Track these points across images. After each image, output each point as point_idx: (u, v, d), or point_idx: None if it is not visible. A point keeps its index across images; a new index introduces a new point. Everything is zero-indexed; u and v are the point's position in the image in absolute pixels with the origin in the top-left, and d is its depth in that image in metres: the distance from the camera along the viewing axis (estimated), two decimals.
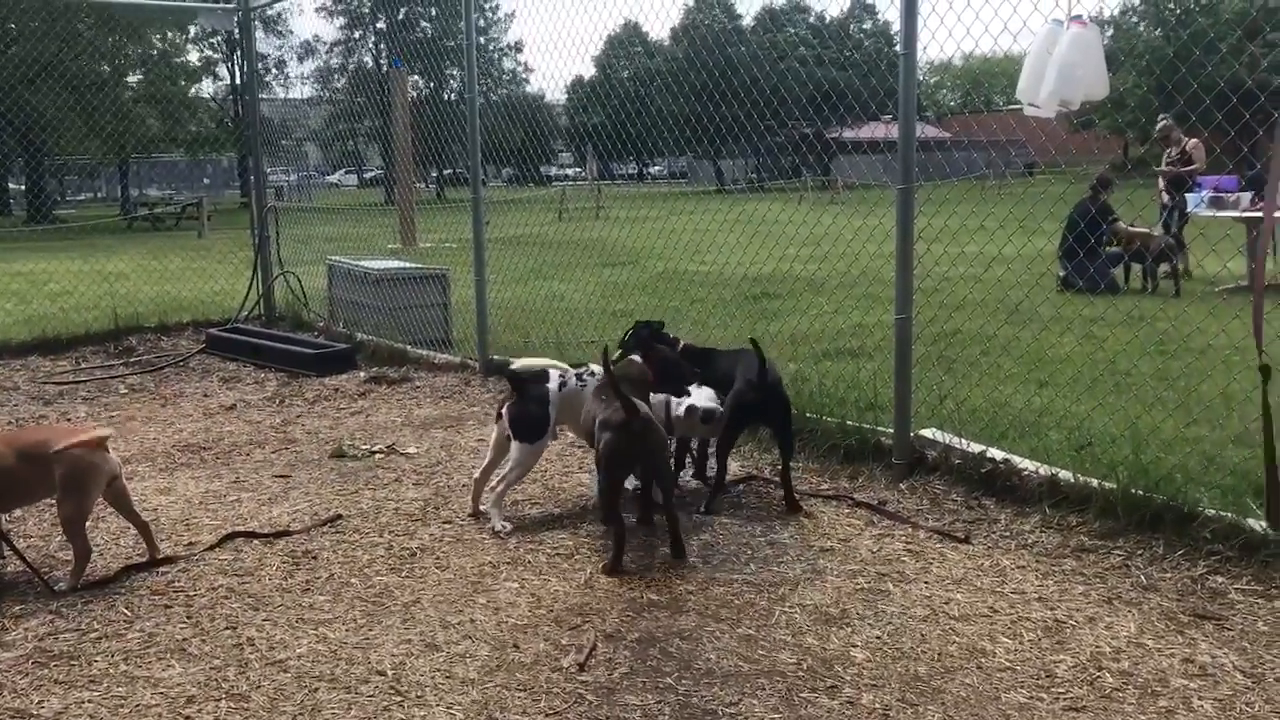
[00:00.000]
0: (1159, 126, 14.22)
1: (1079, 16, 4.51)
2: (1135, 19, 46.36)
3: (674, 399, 4.95)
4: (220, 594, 4.05)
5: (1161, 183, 13.93)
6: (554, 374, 4.89)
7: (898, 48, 5.08)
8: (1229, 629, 3.55)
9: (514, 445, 4.76)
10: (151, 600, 4.00)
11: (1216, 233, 12.14)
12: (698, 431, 5.15)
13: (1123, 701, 3.11)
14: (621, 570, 4.13)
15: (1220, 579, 3.93)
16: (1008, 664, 3.35)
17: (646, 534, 4.57)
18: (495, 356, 7.97)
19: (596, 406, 4.44)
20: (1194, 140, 13.78)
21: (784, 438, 4.95)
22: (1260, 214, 11.43)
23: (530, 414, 4.75)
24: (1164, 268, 11.79)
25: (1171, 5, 46.42)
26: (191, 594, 4.05)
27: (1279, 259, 11.77)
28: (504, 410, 4.82)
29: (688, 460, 5.39)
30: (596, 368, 4.97)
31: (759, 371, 4.85)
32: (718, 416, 4.93)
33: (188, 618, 3.84)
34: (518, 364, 5.06)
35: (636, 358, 4.85)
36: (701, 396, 4.99)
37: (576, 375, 4.92)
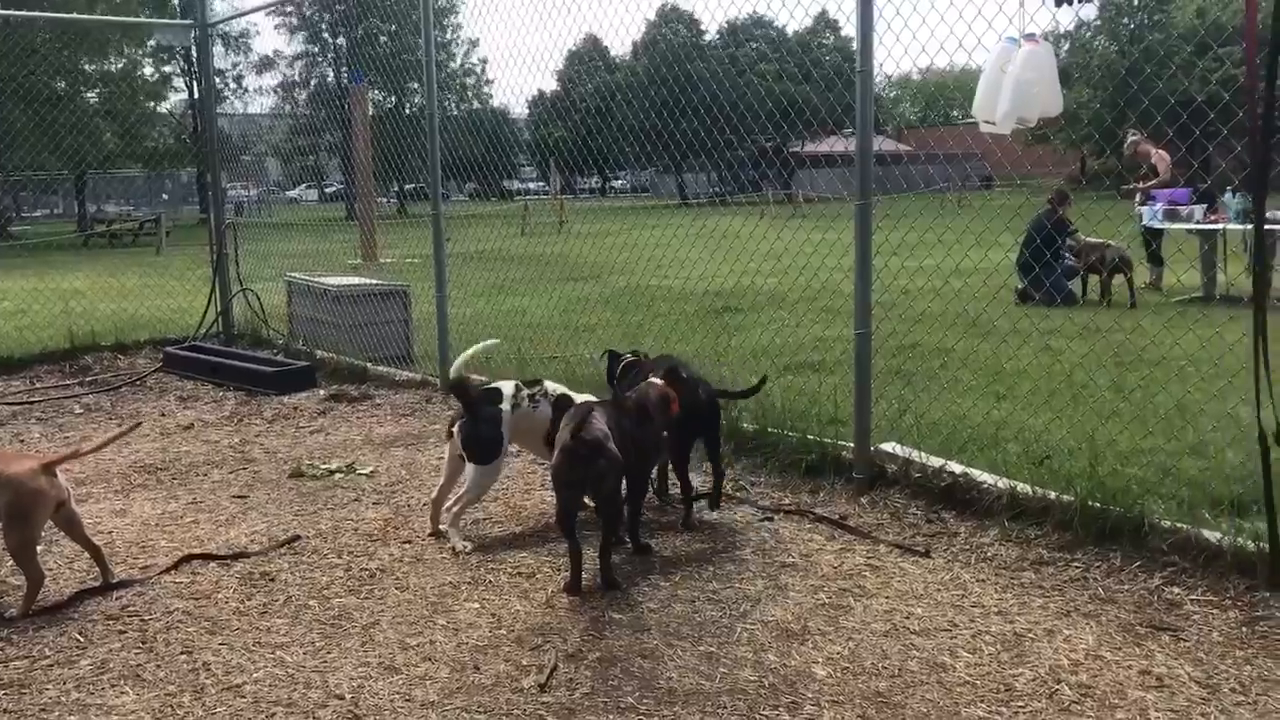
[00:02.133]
0: (1128, 144, 14.04)
1: (1032, 35, 4.56)
2: (1089, 34, 47.06)
3: None
4: (176, 618, 3.99)
5: (1138, 199, 13.72)
6: (506, 393, 4.83)
7: (856, 63, 5.12)
8: (1185, 640, 3.59)
9: (469, 467, 4.72)
10: (105, 626, 3.93)
11: (1170, 245, 12.35)
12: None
13: (1081, 714, 3.13)
14: (581, 590, 4.11)
15: (1176, 590, 3.97)
16: (967, 678, 3.36)
17: (629, 553, 4.55)
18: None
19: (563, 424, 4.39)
20: (1157, 152, 13.77)
21: (715, 449, 5.00)
22: (1214, 226, 11.64)
23: (483, 435, 4.70)
24: (1119, 279, 11.95)
25: (1125, 21, 47.18)
26: (146, 618, 3.99)
27: (1229, 271, 11.95)
28: (455, 430, 4.77)
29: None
30: (552, 386, 4.95)
31: (696, 383, 4.89)
32: None
33: (142, 643, 3.78)
34: (456, 364, 4.97)
35: (657, 380, 4.73)
36: None
37: (529, 395, 4.87)
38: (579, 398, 4.93)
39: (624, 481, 4.30)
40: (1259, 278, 3.97)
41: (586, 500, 4.50)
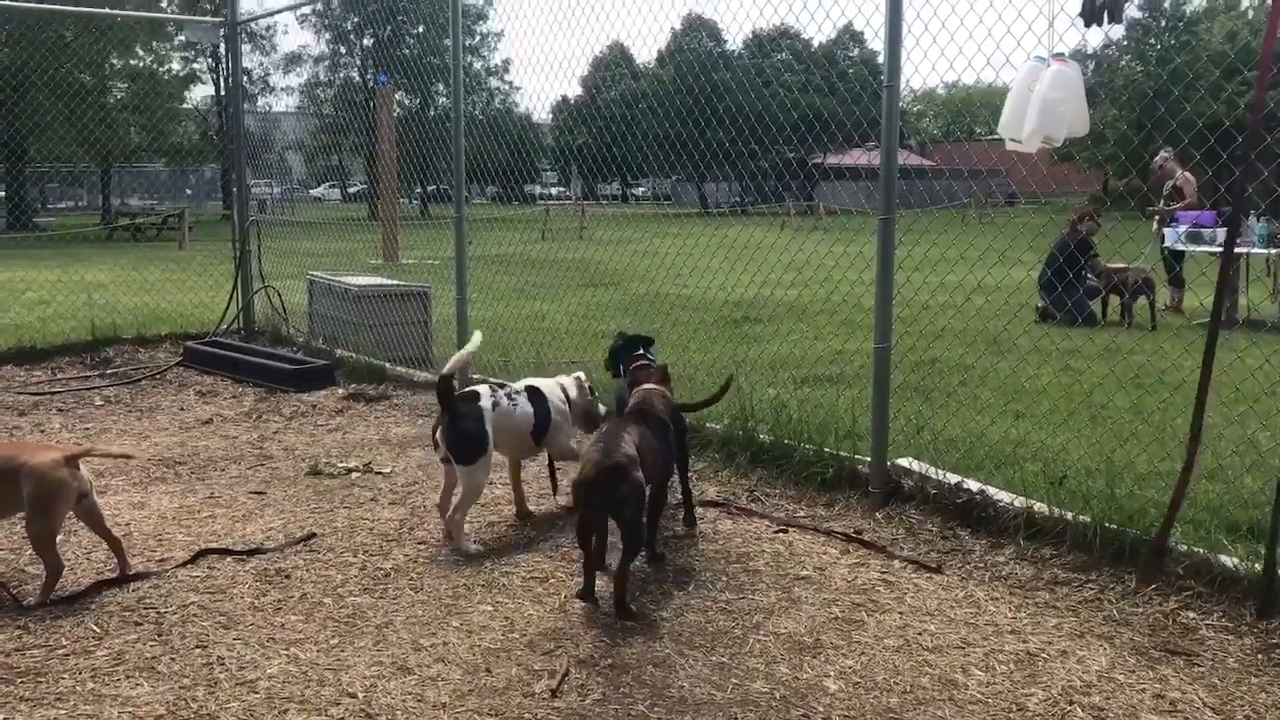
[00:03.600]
0: (1156, 160, 14.02)
1: (1061, 54, 4.56)
2: (1116, 54, 46.88)
3: None
4: (191, 612, 4.02)
5: (1156, 222, 13.74)
6: (485, 392, 4.82)
7: (883, 78, 5.12)
8: (1199, 665, 3.57)
9: (458, 470, 4.69)
10: (122, 617, 3.96)
11: (1193, 268, 12.30)
12: None
13: None
14: (594, 596, 4.10)
15: (1192, 615, 3.95)
16: (979, 696, 3.35)
17: (644, 560, 4.53)
18: (475, 376, 7.97)
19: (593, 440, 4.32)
20: (1183, 174, 13.71)
21: (682, 460, 4.98)
22: (1240, 249, 11.57)
23: (467, 433, 4.65)
24: (1140, 301, 11.90)
25: (1152, 41, 47.00)
26: (162, 611, 4.02)
27: (1251, 296, 11.88)
28: (438, 435, 4.72)
29: None
30: (519, 387, 4.99)
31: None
32: None
33: (158, 635, 3.80)
34: (450, 364, 4.79)
35: (654, 386, 4.73)
36: None
37: (508, 395, 4.89)
38: (545, 384, 5.04)
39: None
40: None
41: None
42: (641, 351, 5.22)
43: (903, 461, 5.34)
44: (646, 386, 4.73)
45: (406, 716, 3.22)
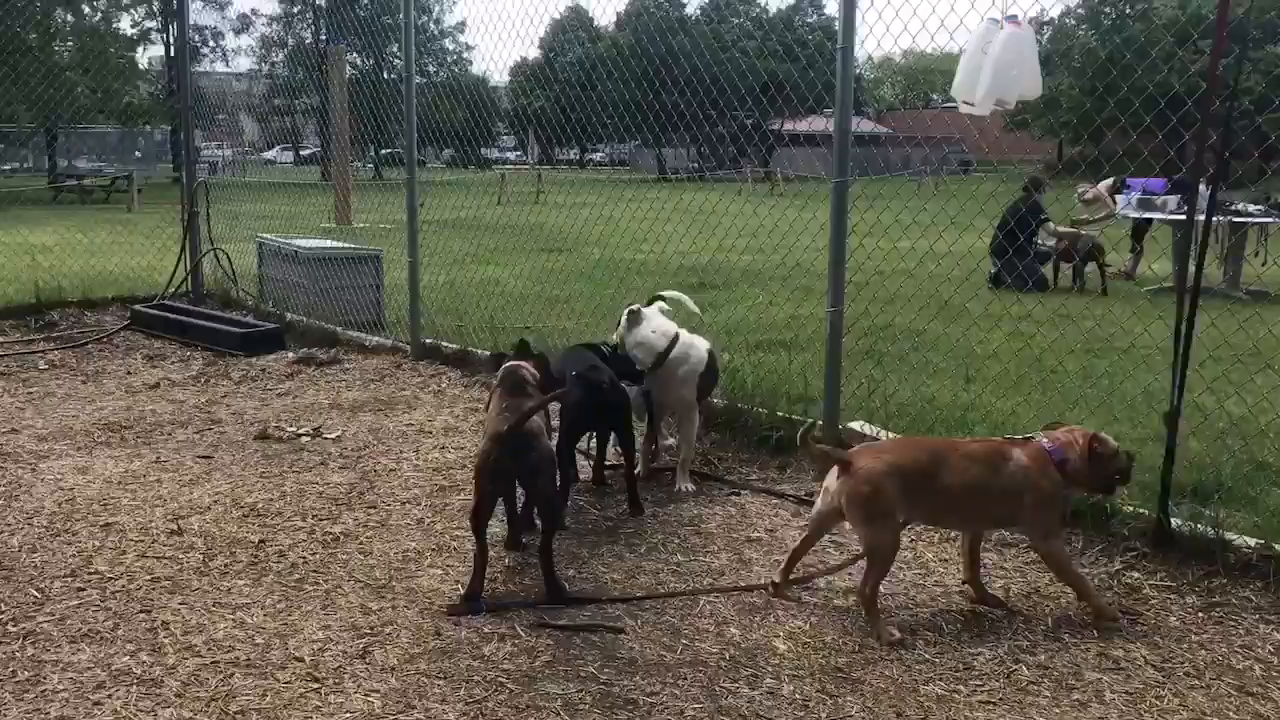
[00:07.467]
0: (1079, 196, 14.55)
1: (1014, 16, 4.55)
2: (1072, 21, 47.13)
3: None
4: (136, 577, 3.95)
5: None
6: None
7: (838, 40, 5.10)
8: (1142, 624, 3.62)
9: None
10: (64, 583, 3.89)
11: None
12: None
13: (1038, 694, 3.15)
14: (480, 597, 3.74)
15: (1136, 574, 4.01)
16: (927, 656, 3.38)
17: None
18: (427, 340, 7.90)
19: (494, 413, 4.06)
20: (1095, 190, 14.01)
21: (626, 440, 4.76)
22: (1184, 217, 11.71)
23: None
24: (1090, 266, 12.03)
25: (1107, 10, 47.29)
26: (107, 576, 3.96)
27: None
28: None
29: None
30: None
31: (594, 370, 4.60)
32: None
33: (101, 601, 3.74)
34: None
35: (519, 363, 4.30)
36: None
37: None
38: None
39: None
40: None
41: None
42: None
43: (854, 424, 5.36)
44: (509, 365, 4.29)
45: (354, 680, 3.20)
